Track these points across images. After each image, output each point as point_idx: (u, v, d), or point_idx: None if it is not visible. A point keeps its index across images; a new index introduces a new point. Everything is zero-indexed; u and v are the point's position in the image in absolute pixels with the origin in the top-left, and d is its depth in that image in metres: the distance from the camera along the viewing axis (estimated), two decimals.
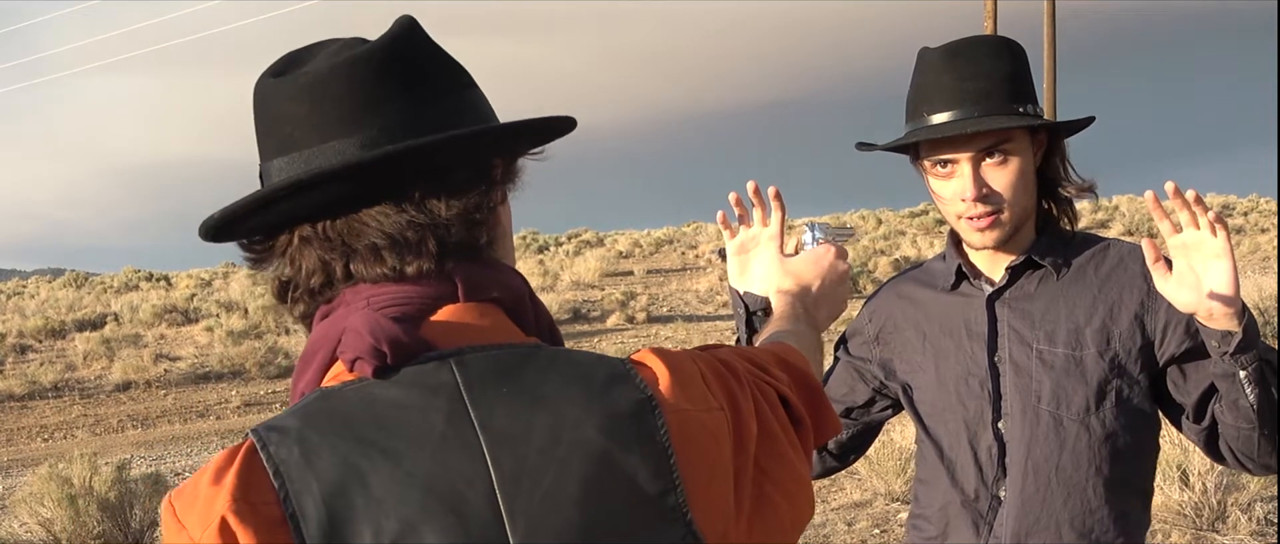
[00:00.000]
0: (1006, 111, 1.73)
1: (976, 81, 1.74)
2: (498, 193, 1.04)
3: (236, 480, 0.90)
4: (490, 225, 1.03)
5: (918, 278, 1.96)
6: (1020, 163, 1.75)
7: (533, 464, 0.91)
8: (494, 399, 0.93)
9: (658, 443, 0.94)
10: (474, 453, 0.91)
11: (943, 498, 1.82)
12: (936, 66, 1.78)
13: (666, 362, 1.01)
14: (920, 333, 1.89)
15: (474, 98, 1.05)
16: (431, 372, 0.94)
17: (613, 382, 0.97)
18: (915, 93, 1.80)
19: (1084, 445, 1.72)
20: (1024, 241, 1.82)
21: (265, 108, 1.01)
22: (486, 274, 1.02)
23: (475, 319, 1.00)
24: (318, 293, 1.01)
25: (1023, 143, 1.76)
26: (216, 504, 0.89)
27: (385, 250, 0.98)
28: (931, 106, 1.76)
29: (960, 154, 1.74)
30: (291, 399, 1.00)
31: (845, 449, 2.05)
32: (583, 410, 0.94)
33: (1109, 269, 1.80)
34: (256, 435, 0.93)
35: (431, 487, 0.90)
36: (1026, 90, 1.77)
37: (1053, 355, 1.75)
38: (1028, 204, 1.78)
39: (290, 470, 0.90)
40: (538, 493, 0.91)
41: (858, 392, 1.99)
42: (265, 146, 1.01)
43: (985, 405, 1.78)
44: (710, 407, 1.00)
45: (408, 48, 1.01)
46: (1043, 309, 1.78)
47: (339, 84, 0.98)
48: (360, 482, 0.89)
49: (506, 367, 0.96)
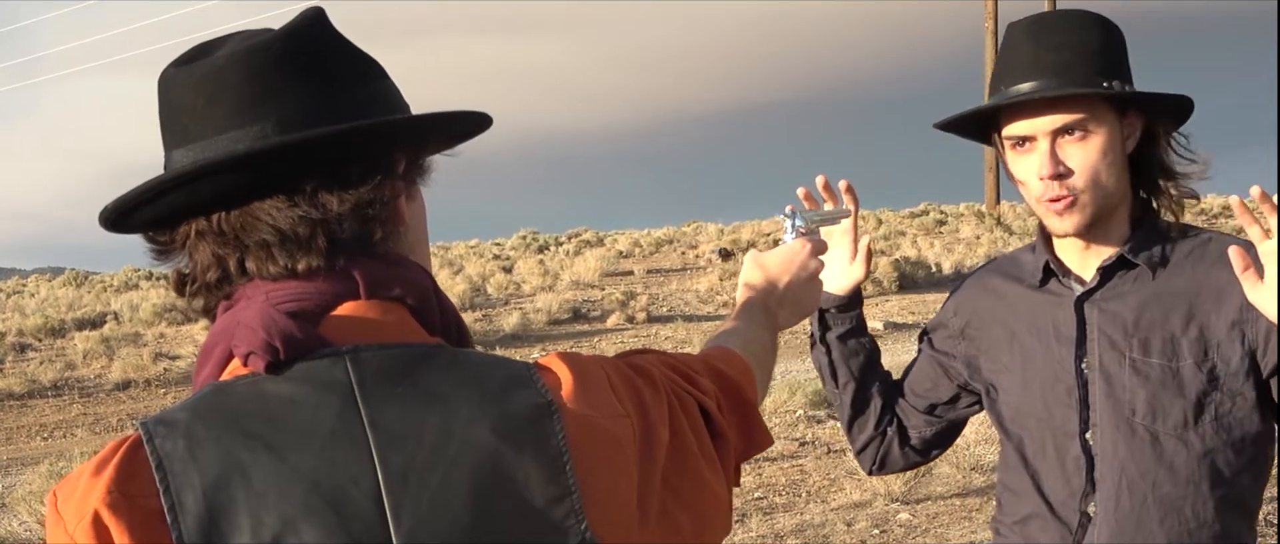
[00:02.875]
0: (1088, 84, 1.61)
1: (1059, 52, 1.63)
2: (396, 187, 1.01)
3: (115, 472, 0.90)
4: (387, 220, 1.00)
5: (1004, 270, 1.85)
6: (1103, 142, 1.63)
7: (421, 463, 0.90)
8: (387, 397, 0.92)
9: (553, 447, 0.92)
10: (362, 451, 0.90)
11: (1029, 507, 1.73)
12: (1020, 38, 1.68)
13: (571, 366, 0.99)
14: (1008, 330, 1.79)
15: (380, 90, 1.03)
16: (325, 368, 0.93)
17: (511, 384, 0.95)
18: (998, 67, 1.71)
19: (1182, 462, 1.61)
20: (1117, 236, 1.70)
21: (166, 98, 0.99)
22: (388, 271, 1.00)
23: (376, 316, 0.98)
24: (215, 288, 1.00)
25: (1109, 121, 1.64)
26: (92, 497, 0.88)
27: (276, 248, 0.96)
28: (1011, 79, 1.66)
29: (1037, 128, 1.63)
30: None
31: (928, 444, 1.96)
32: (477, 411, 0.92)
33: (1207, 269, 1.66)
34: (143, 428, 0.92)
35: (316, 483, 0.88)
36: (1117, 66, 1.65)
37: (1147, 366, 1.63)
38: (1114, 189, 1.66)
39: (173, 464, 0.89)
40: (425, 493, 0.89)
41: (942, 387, 1.91)
42: (166, 138, 1.00)
43: (1072, 414, 1.68)
44: (615, 413, 0.98)
45: (309, 39, 0.99)
46: (1136, 314, 1.66)
47: (235, 74, 0.96)
48: (243, 476, 0.88)
49: (403, 365, 0.94)
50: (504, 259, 26.40)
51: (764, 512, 6.23)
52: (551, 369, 0.99)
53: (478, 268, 23.70)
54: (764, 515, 6.16)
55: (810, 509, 6.24)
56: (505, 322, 16.56)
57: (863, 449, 1.97)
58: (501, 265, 24.43)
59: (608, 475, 0.95)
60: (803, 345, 13.97)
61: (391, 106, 1.03)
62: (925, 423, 1.94)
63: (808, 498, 6.54)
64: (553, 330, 16.65)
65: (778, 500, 6.49)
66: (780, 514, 6.19)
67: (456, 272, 22.65)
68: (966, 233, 24.25)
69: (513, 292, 20.41)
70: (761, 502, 6.38)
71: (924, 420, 1.94)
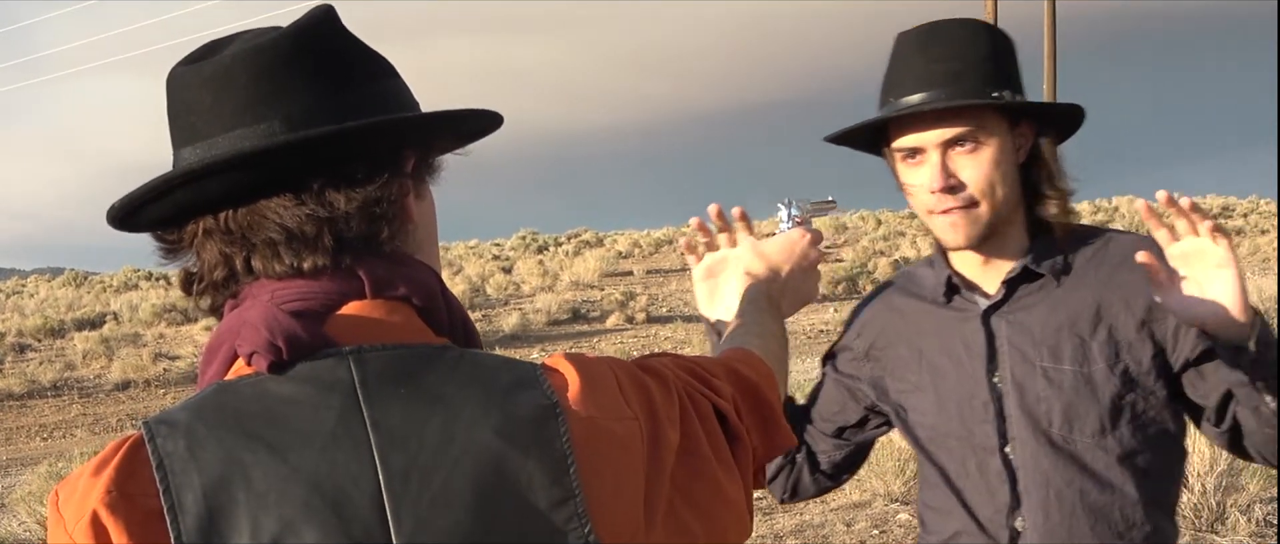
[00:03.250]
0: (979, 95, 1.58)
1: (948, 62, 1.60)
2: (404, 185, 1.01)
3: (115, 472, 0.89)
4: (395, 219, 1.00)
5: (906, 288, 1.81)
6: (995, 153, 1.60)
7: (423, 465, 0.89)
8: (390, 398, 0.91)
9: (557, 449, 0.91)
10: (363, 451, 0.89)
11: (956, 525, 1.70)
12: (909, 49, 1.64)
13: (579, 368, 0.98)
14: (915, 349, 1.75)
15: (389, 88, 1.02)
16: (328, 368, 0.92)
17: (517, 386, 0.94)
18: (886, 78, 1.66)
19: (1104, 467, 1.60)
20: (1016, 248, 1.68)
21: (174, 96, 0.99)
22: (394, 270, 0.99)
23: (382, 316, 0.97)
24: (221, 286, 0.99)
25: (999, 131, 1.61)
26: (91, 497, 0.88)
27: (282, 246, 0.96)
28: (900, 90, 1.62)
29: (927, 141, 1.60)
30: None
31: (838, 469, 1.93)
32: (481, 412, 0.91)
33: (1110, 272, 1.65)
34: (146, 427, 0.92)
35: (316, 484, 0.88)
36: (1007, 76, 1.62)
37: (1060, 373, 1.61)
38: (1007, 200, 1.62)
39: (174, 463, 0.88)
40: (427, 494, 0.88)
41: (849, 411, 1.87)
42: (174, 135, 1.00)
43: (990, 429, 1.66)
44: (622, 416, 0.96)
45: (316, 37, 0.99)
46: (1044, 323, 1.64)
47: (243, 73, 0.96)
48: (243, 476, 0.88)
49: (407, 366, 0.93)
50: (503, 259, 26.41)
51: (763, 512, 6.23)
52: (558, 370, 0.98)
53: (477, 268, 23.70)
54: (763, 516, 6.16)
55: (809, 509, 6.24)
56: (505, 322, 16.57)
57: (773, 478, 1.94)
58: (501, 266, 24.44)
59: (612, 478, 0.93)
60: (803, 345, 13.89)
61: (401, 105, 1.02)
62: (834, 447, 1.90)
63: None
64: (552, 331, 16.65)
65: (777, 501, 6.48)
66: (779, 515, 6.19)
67: (456, 272, 22.64)
68: None
69: (512, 292, 20.42)
70: (760, 502, 6.38)
71: (833, 445, 1.90)
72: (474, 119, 1.07)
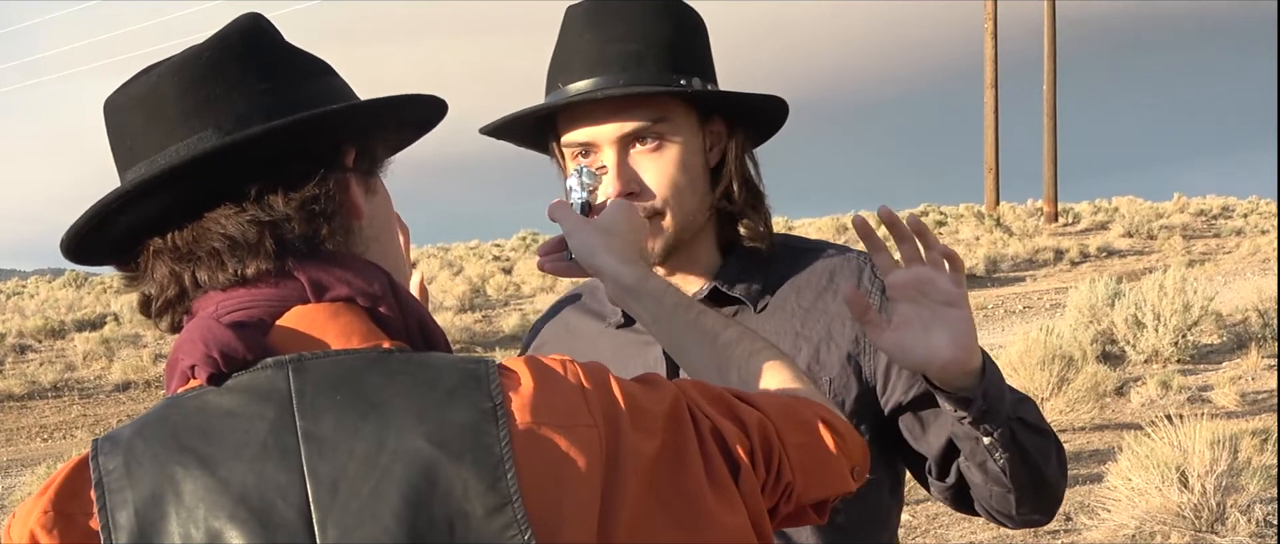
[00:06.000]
0: (663, 82, 1.34)
1: (625, 43, 1.35)
2: (343, 181, 0.99)
3: (56, 492, 0.91)
4: (336, 216, 0.98)
5: (585, 305, 1.54)
6: (680, 153, 1.36)
7: (352, 474, 0.87)
8: (324, 407, 0.89)
9: (494, 455, 0.88)
10: (292, 462, 0.88)
11: None
12: (579, 25, 1.38)
13: (534, 370, 0.94)
14: None
15: (323, 85, 1.01)
16: (266, 378, 0.91)
17: (460, 389, 0.91)
18: (553, 59, 1.41)
19: (794, 528, 1.33)
20: (704, 265, 1.44)
21: (110, 123, 0.99)
22: (334, 272, 0.97)
23: (326, 321, 0.96)
24: (175, 304, 0.99)
25: (686, 128, 1.37)
26: (31, 517, 0.90)
27: (226, 255, 0.95)
28: (569, 75, 1.37)
29: (601, 136, 1.35)
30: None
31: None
32: (414, 419, 0.88)
33: (813, 296, 1.42)
34: (93, 445, 0.93)
35: (243, 496, 0.87)
36: (696, 62, 1.38)
37: None
38: (696, 209, 1.39)
39: (111, 481, 0.89)
40: (354, 504, 0.87)
41: None
42: (117, 162, 1.00)
43: None
44: (577, 422, 0.92)
45: (242, 43, 0.98)
46: None
47: (171, 88, 0.96)
48: (175, 491, 0.88)
49: (347, 372, 0.91)
50: (504, 260, 26.40)
51: None
52: (514, 371, 0.95)
53: (477, 269, 23.70)
54: None
55: None
56: (505, 323, 16.56)
57: None
58: (501, 266, 24.43)
59: (555, 486, 0.89)
60: None
61: (336, 100, 1.00)
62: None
63: None
64: None
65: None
66: None
67: (456, 272, 22.64)
68: (966, 234, 24.26)
69: (512, 293, 20.41)
70: None
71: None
72: (412, 106, 1.04)
